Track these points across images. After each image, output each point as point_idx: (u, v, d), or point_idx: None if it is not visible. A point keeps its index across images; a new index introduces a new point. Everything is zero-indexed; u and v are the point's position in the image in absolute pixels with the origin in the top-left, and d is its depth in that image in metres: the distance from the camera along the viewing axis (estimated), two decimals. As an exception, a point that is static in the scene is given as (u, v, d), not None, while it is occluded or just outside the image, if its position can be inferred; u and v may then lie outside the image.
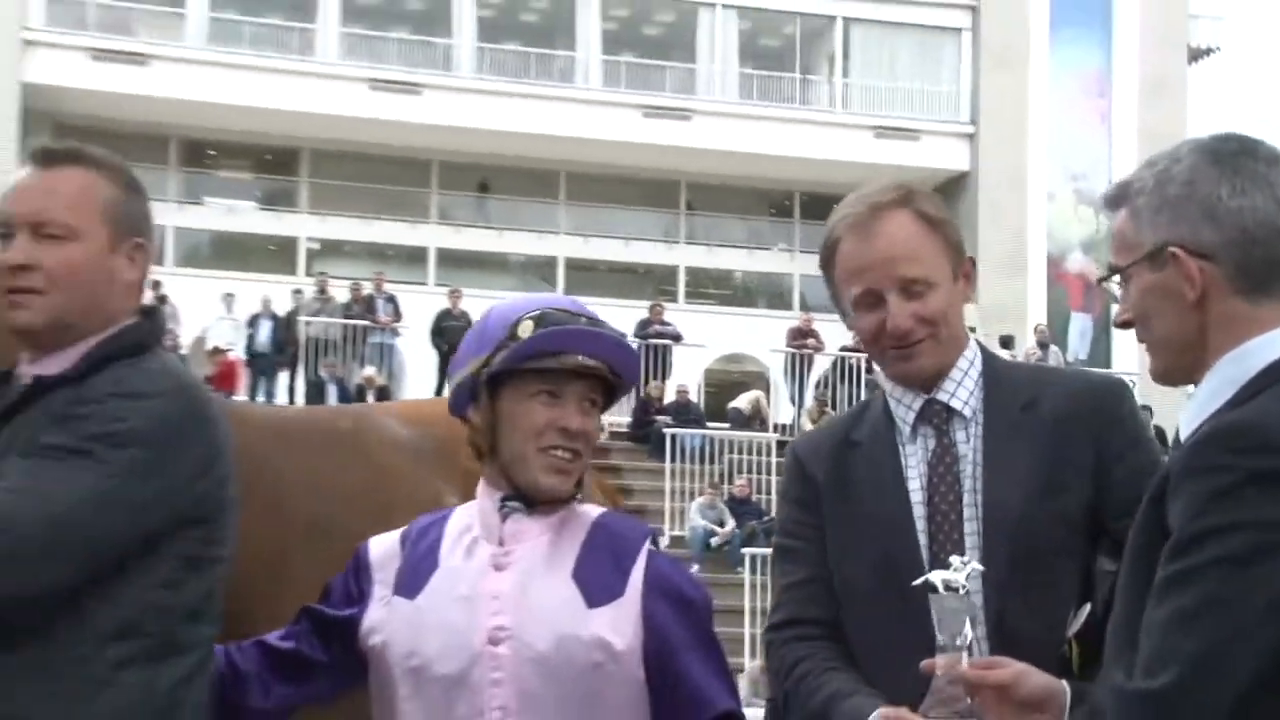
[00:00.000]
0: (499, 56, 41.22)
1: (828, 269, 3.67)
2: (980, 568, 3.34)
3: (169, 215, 38.03)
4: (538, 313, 3.61)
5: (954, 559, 3.28)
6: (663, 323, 32.93)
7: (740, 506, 26.19)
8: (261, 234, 41.33)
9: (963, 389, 3.63)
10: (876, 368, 3.82)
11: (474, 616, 3.50)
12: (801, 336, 33.50)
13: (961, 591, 3.23)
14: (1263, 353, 2.88)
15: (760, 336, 36.82)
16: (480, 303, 19.90)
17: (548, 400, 3.54)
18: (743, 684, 18.91)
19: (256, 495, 3.96)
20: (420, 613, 3.54)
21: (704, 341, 34.74)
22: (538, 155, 40.75)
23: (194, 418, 3.57)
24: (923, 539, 3.54)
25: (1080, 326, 37.92)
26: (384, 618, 3.59)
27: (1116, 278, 3.07)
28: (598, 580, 3.52)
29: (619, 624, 3.47)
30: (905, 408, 3.66)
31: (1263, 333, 2.89)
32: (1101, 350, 35.97)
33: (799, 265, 41.87)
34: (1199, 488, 2.76)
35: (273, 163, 41.91)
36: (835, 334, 33.22)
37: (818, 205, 40.64)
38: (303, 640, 3.69)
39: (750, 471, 27.52)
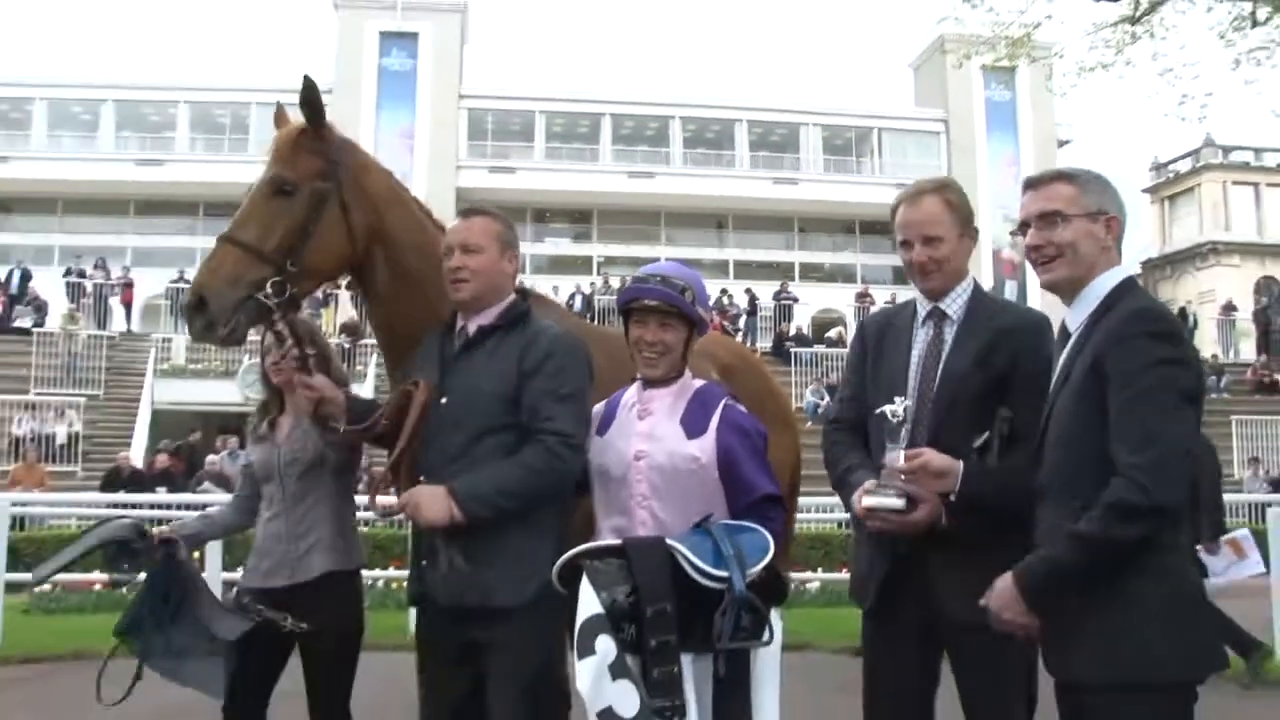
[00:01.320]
0: (694, 155, 40.95)
1: (892, 221, 3.50)
2: (910, 404, 3.30)
3: (524, 247, 37.66)
4: (632, 276, 3.53)
5: (896, 398, 3.29)
6: (788, 293, 32.66)
7: (833, 391, 24.50)
8: (572, 255, 41.05)
9: (956, 304, 3.42)
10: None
11: (628, 445, 3.36)
12: (862, 297, 33.01)
13: (900, 415, 3.25)
14: (1109, 282, 2.88)
15: (840, 298, 36.25)
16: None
17: (638, 325, 3.40)
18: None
19: (617, 383, 3.75)
20: (604, 443, 3.42)
21: (809, 301, 34.22)
22: (715, 207, 40.54)
23: (581, 346, 3.58)
24: (912, 383, 3.38)
25: (1009, 287, 36.61)
26: (590, 445, 3.45)
27: (1057, 218, 2.94)
28: (693, 422, 3.34)
29: (704, 447, 3.30)
30: (923, 309, 3.47)
31: (1108, 271, 2.91)
32: (1021, 299, 35.19)
33: (859, 259, 41.43)
34: (1133, 344, 2.71)
35: (578, 218, 41.66)
36: (880, 295, 33.21)
37: (869, 228, 40.54)
38: None
39: (838, 372, 25.89)
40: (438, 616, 3.50)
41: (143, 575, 4.27)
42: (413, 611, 7.50)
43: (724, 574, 3.00)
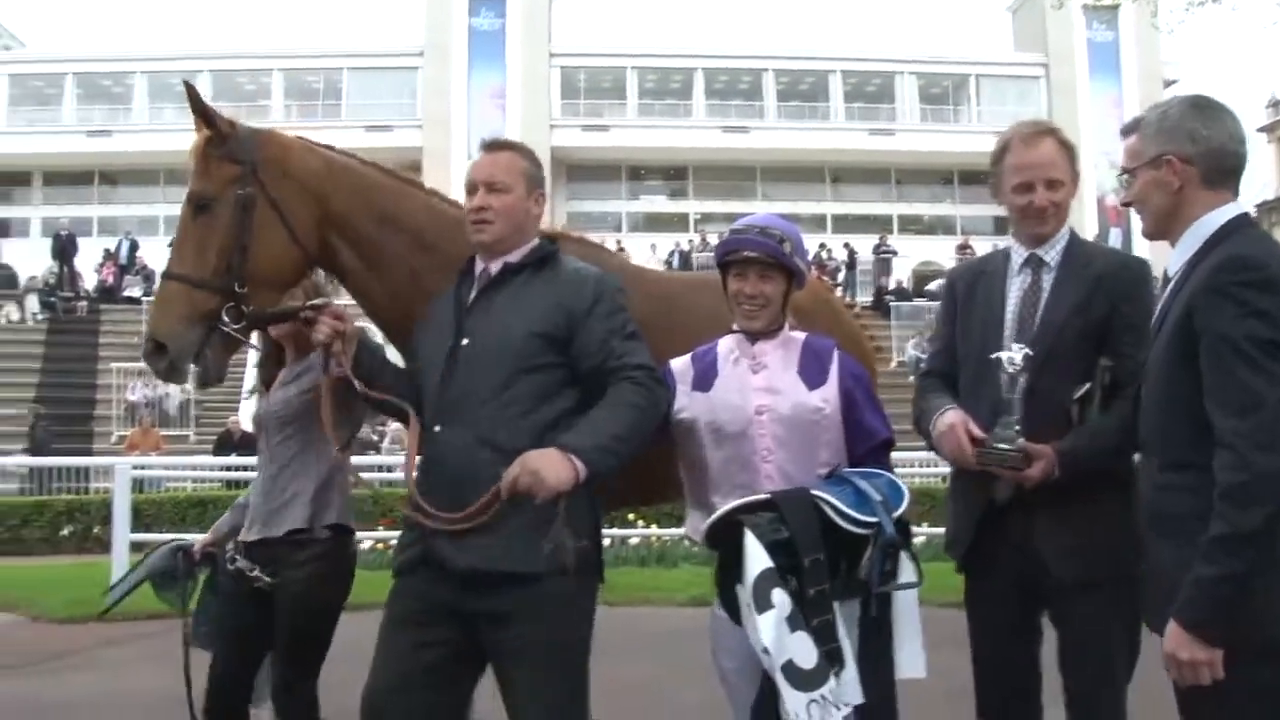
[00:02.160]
0: (788, 108, 40.67)
1: (997, 163, 3.41)
2: (1029, 351, 3.21)
3: (620, 206, 39.33)
4: (730, 229, 3.48)
5: (1015, 345, 3.23)
6: (887, 246, 32.38)
7: (934, 343, 25.18)
8: (669, 212, 41.13)
9: (1054, 251, 3.36)
10: (1012, 228, 3.48)
11: (745, 399, 3.31)
12: (962, 249, 32.17)
13: (1018, 364, 3.19)
14: (1213, 222, 2.76)
15: (940, 250, 35.47)
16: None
17: (737, 278, 3.36)
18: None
19: (678, 329, 3.71)
20: (713, 399, 3.34)
21: (908, 254, 33.83)
22: (810, 161, 40.11)
23: (620, 287, 3.38)
24: (1008, 332, 3.33)
25: (1114, 235, 36.14)
26: (687, 403, 3.36)
27: (1127, 176, 2.91)
28: (811, 374, 3.32)
29: (827, 396, 3.30)
30: (1019, 256, 3.41)
31: (1213, 210, 2.78)
32: (1126, 247, 34.57)
33: (959, 210, 40.71)
34: (1224, 295, 2.59)
35: (674, 175, 41.60)
36: (981, 246, 32.86)
37: (968, 178, 39.85)
38: None
39: (938, 324, 26.35)
40: (439, 583, 3.16)
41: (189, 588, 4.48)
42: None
43: (873, 519, 3.04)
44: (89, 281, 29.28)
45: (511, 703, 3.11)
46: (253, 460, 16.62)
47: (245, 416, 22.76)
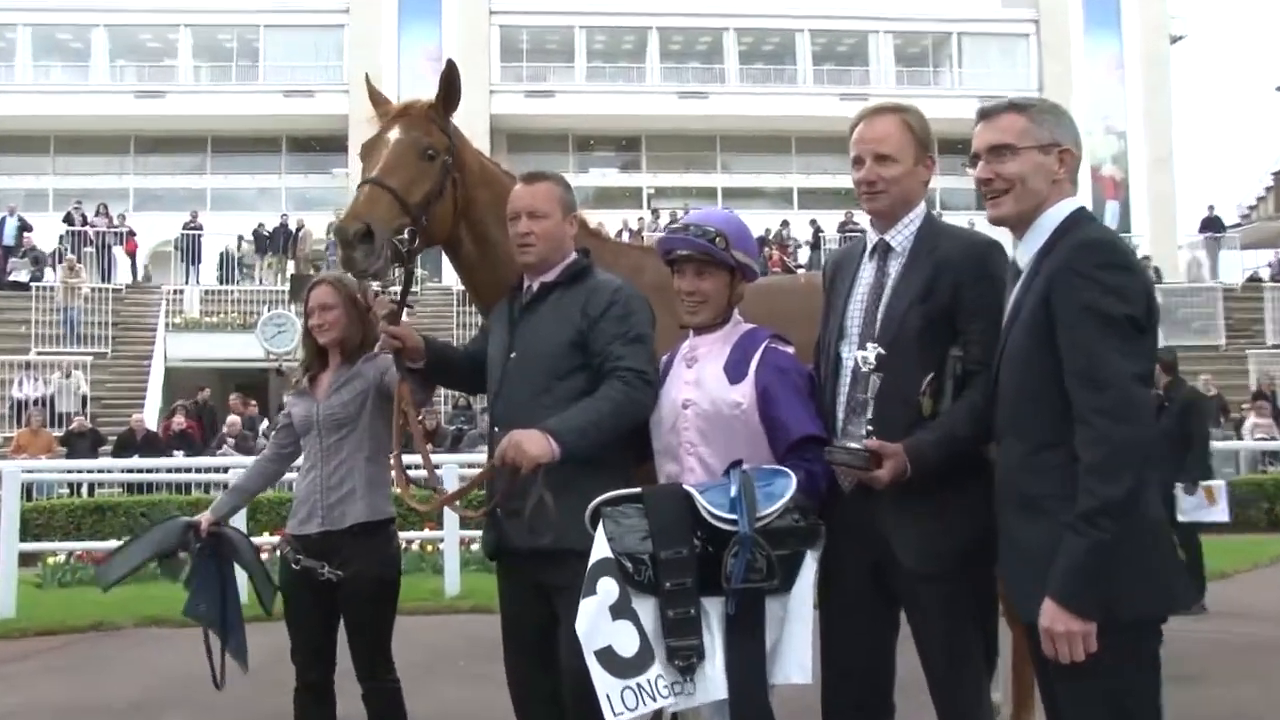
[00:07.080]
0: (751, 71, 40.53)
1: (850, 140, 3.61)
2: (882, 351, 3.37)
3: (567, 180, 38.59)
4: (668, 227, 3.91)
5: (869, 344, 3.42)
6: (854, 224, 31.99)
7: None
8: (620, 186, 41.02)
9: (901, 236, 3.53)
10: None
11: (678, 393, 3.73)
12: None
13: (871, 363, 3.38)
14: (1058, 215, 3.07)
15: None
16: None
17: (678, 275, 3.77)
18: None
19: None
20: (663, 391, 3.79)
21: None
22: (775, 130, 39.70)
23: (640, 295, 3.99)
24: (852, 325, 3.54)
25: (1110, 208, 36.24)
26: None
27: (1006, 150, 3.12)
28: (735, 368, 3.65)
29: (744, 391, 3.59)
30: (870, 242, 3.61)
31: (1062, 200, 3.10)
32: (1124, 221, 35.05)
33: (939, 182, 38.97)
34: (1080, 276, 2.89)
35: (625, 145, 41.51)
36: (958, 221, 33.10)
37: (947, 147, 39.46)
38: None
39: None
40: (513, 562, 3.98)
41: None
42: (449, 572, 10.65)
43: (734, 517, 3.28)
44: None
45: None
46: (156, 462, 16.48)
47: (150, 413, 22.64)
